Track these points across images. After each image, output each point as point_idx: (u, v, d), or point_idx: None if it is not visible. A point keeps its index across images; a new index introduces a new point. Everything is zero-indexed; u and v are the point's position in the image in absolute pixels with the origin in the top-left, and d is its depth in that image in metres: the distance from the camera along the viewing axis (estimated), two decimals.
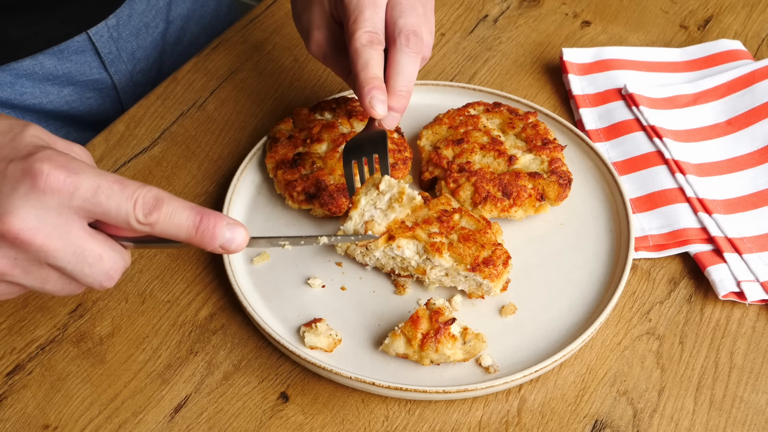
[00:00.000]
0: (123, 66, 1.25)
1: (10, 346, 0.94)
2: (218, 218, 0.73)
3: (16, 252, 0.70)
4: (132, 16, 1.23)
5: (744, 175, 1.08)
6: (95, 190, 0.69)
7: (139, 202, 0.70)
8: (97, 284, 0.73)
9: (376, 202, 0.92)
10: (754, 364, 0.92)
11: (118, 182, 0.70)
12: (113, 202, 0.69)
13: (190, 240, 0.73)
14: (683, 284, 0.99)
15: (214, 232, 0.73)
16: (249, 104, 1.19)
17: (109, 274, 0.73)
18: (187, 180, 1.10)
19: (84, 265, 0.72)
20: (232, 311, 0.97)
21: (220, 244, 0.73)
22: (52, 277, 0.73)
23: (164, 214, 0.71)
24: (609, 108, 1.16)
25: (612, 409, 0.89)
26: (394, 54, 0.91)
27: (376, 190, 0.92)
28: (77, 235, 0.70)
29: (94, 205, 0.69)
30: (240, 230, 0.74)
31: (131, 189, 0.70)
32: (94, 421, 0.88)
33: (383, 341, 0.89)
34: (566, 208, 1.04)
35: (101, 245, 0.72)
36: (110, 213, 0.70)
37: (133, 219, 0.70)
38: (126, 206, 0.70)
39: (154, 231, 0.72)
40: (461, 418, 0.88)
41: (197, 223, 0.72)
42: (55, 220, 0.69)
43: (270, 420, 0.88)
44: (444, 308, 0.89)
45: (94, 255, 0.72)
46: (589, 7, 1.34)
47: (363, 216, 0.91)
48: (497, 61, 1.25)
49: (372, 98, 0.88)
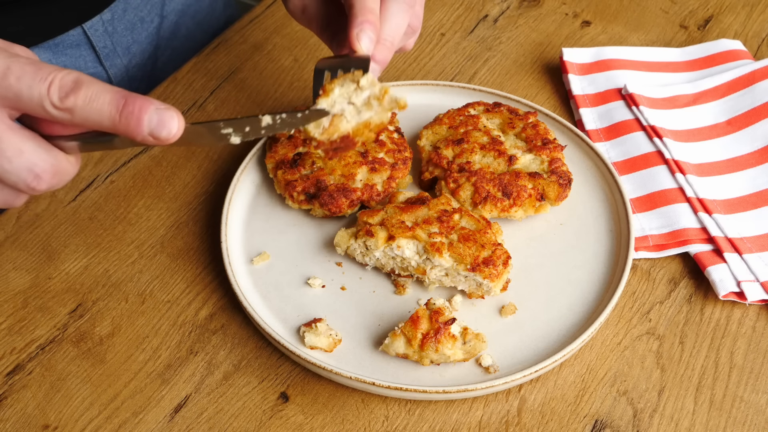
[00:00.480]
0: (118, 60, 1.26)
1: (10, 346, 0.94)
2: (146, 102, 0.65)
3: None
4: (127, 10, 1.23)
5: (744, 175, 1.08)
6: (4, 71, 0.63)
7: (54, 83, 0.64)
8: (23, 183, 0.67)
9: (352, 96, 0.81)
10: (754, 364, 0.92)
11: (31, 64, 0.64)
12: (24, 83, 0.64)
13: (115, 127, 0.65)
14: (683, 284, 0.99)
15: (140, 117, 0.65)
16: (249, 104, 1.19)
17: (34, 171, 0.67)
18: (187, 180, 1.10)
19: (2, 160, 0.65)
20: (232, 311, 0.97)
21: (148, 131, 0.66)
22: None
23: (83, 98, 0.64)
24: (609, 108, 1.16)
25: (612, 409, 0.89)
26: (385, 2, 0.86)
27: (355, 84, 0.81)
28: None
29: (4, 88, 0.64)
30: (171, 114, 0.66)
31: (46, 71, 0.64)
32: (94, 421, 0.88)
33: (383, 341, 0.89)
34: (566, 208, 1.04)
35: (22, 139, 0.66)
36: (22, 96, 0.64)
37: (48, 102, 0.64)
38: (39, 88, 0.64)
39: (74, 118, 0.65)
40: (461, 418, 0.88)
41: (120, 107, 0.65)
42: None
43: (270, 420, 0.88)
44: (444, 308, 0.89)
45: (12, 149, 0.65)
46: (589, 7, 1.34)
47: (333, 107, 0.80)
48: (497, 61, 1.25)
49: (361, 30, 0.81)
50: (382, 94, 0.80)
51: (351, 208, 1.00)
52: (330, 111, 0.78)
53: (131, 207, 1.06)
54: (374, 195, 1.00)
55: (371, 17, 0.83)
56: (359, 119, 0.80)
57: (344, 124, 0.79)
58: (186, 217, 1.06)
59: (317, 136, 0.78)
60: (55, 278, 0.99)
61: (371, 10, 0.83)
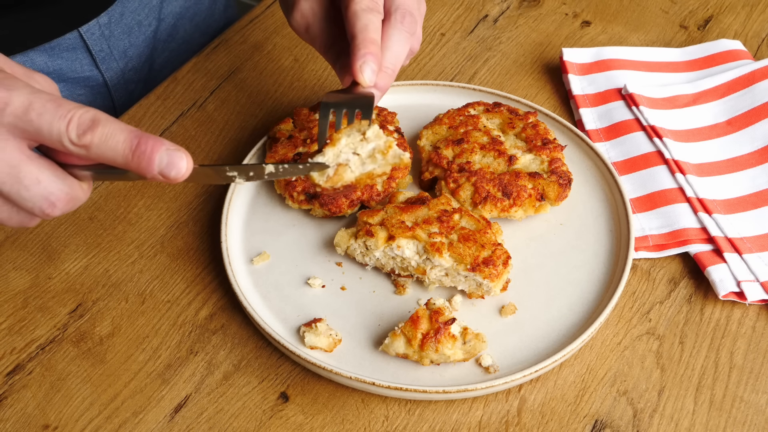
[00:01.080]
0: (114, 64, 1.25)
1: (10, 346, 0.94)
2: (157, 142, 0.69)
3: None
4: (124, 14, 1.23)
5: (744, 175, 1.08)
6: (26, 106, 0.67)
7: (73, 121, 0.67)
8: (39, 210, 0.70)
9: (357, 148, 0.84)
10: (754, 364, 0.92)
11: (52, 101, 0.67)
12: (45, 120, 0.67)
13: (127, 164, 0.69)
14: (683, 284, 0.99)
15: (151, 157, 0.69)
16: (249, 104, 1.19)
17: (50, 199, 0.70)
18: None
19: (20, 188, 0.69)
20: (232, 311, 0.97)
21: (158, 170, 0.70)
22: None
23: (99, 136, 0.68)
24: (609, 108, 1.16)
25: (612, 409, 0.89)
26: (387, 29, 0.88)
27: (362, 135, 0.85)
28: (12, 155, 0.68)
29: (25, 122, 0.67)
30: (180, 155, 0.70)
31: (66, 108, 0.67)
32: (94, 421, 0.88)
33: (383, 341, 0.89)
34: (566, 208, 1.04)
35: (40, 169, 0.69)
36: (42, 132, 0.67)
37: (66, 139, 0.67)
38: (59, 125, 0.67)
39: (90, 154, 0.68)
40: (461, 418, 0.88)
41: (134, 147, 0.68)
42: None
43: (270, 420, 0.88)
44: (444, 308, 0.89)
45: (30, 177, 0.69)
46: (589, 7, 1.34)
47: (338, 157, 0.83)
48: (497, 61, 1.25)
49: (364, 63, 0.85)
50: (386, 148, 0.84)
51: (351, 208, 1.00)
52: (330, 165, 0.82)
53: (131, 207, 1.06)
54: (374, 195, 1.00)
55: (373, 48, 0.85)
56: (363, 170, 0.84)
57: (348, 173, 0.83)
58: (186, 217, 1.06)
59: (322, 183, 0.82)
60: (55, 278, 0.99)
61: (373, 41, 0.85)
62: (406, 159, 0.85)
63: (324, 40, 0.93)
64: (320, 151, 0.84)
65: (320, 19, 0.93)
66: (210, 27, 1.41)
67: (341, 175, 0.82)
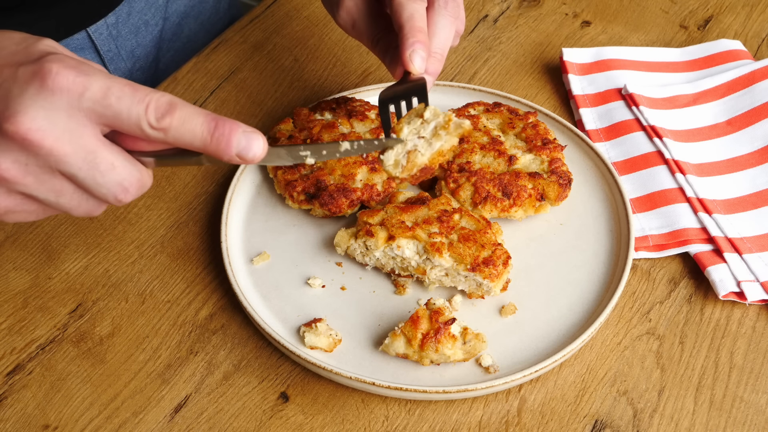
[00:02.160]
0: (122, 64, 1.26)
1: (10, 346, 0.94)
2: (234, 124, 0.70)
3: (27, 156, 0.67)
4: (131, 14, 1.23)
5: (744, 175, 1.08)
6: (105, 91, 0.67)
7: (151, 105, 0.68)
8: (112, 196, 0.71)
9: (420, 131, 0.86)
10: (754, 364, 0.92)
11: (129, 85, 0.68)
12: (124, 104, 0.67)
13: (206, 147, 0.69)
14: (683, 284, 0.99)
15: (229, 139, 0.69)
16: (249, 104, 1.19)
17: (123, 185, 0.70)
18: (187, 180, 1.10)
19: (96, 173, 0.69)
20: (232, 311, 0.97)
21: (236, 152, 0.70)
22: (67, 189, 0.70)
23: (177, 119, 0.68)
24: (609, 108, 1.16)
25: (612, 409, 0.89)
26: (432, 16, 0.90)
27: (420, 118, 0.87)
28: (89, 140, 0.68)
29: (104, 107, 0.67)
30: (257, 138, 0.71)
31: (143, 92, 0.68)
32: (94, 421, 0.88)
33: (383, 341, 0.89)
34: (566, 208, 1.04)
35: (114, 154, 0.69)
36: (121, 116, 0.67)
37: (145, 122, 0.67)
38: (137, 109, 0.67)
39: (167, 138, 0.69)
40: (461, 418, 0.88)
41: (212, 129, 0.69)
42: (65, 122, 0.66)
43: (270, 420, 0.88)
44: (444, 308, 0.89)
45: (106, 163, 0.69)
46: (589, 7, 1.34)
47: (405, 145, 0.86)
48: (497, 61, 1.25)
49: (413, 51, 0.87)
50: (447, 122, 0.86)
51: (351, 208, 1.00)
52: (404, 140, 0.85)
53: (131, 207, 1.06)
54: (374, 195, 1.00)
55: (421, 37, 0.87)
56: (431, 150, 0.85)
57: (419, 157, 0.85)
58: (186, 217, 1.06)
59: (399, 174, 0.84)
60: (55, 278, 0.99)
61: (420, 30, 0.87)
62: (467, 125, 0.86)
63: (371, 35, 0.95)
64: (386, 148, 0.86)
65: (366, 15, 0.95)
66: (214, 26, 1.41)
67: (414, 161, 0.84)
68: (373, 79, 1.22)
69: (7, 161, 0.66)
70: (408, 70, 0.88)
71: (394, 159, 0.85)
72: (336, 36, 1.29)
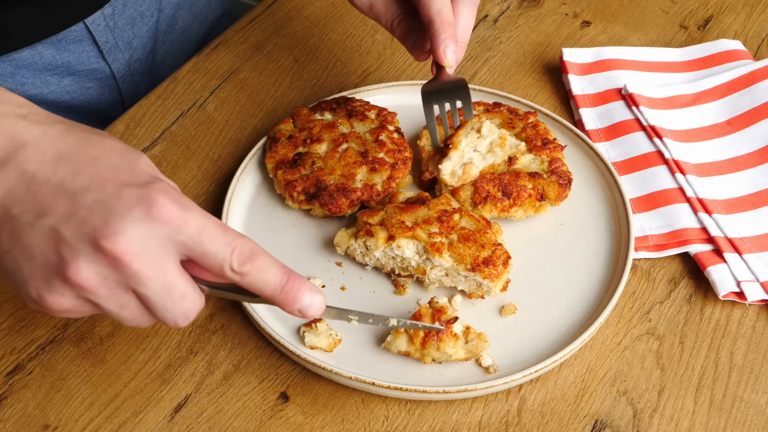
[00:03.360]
0: (120, 55, 1.26)
1: (10, 346, 0.94)
2: (303, 282, 0.74)
3: (110, 271, 0.69)
4: (127, 5, 1.24)
5: (744, 175, 1.08)
6: (201, 229, 0.70)
7: (237, 250, 0.71)
8: (173, 321, 0.73)
9: (477, 146, 0.90)
10: (754, 364, 0.92)
11: (221, 227, 0.71)
12: (214, 245, 0.70)
13: (274, 297, 0.74)
14: (683, 284, 0.99)
15: (297, 295, 0.74)
16: (249, 104, 1.19)
17: (188, 314, 0.73)
18: (187, 180, 1.10)
19: (168, 300, 0.72)
20: (232, 311, 0.97)
21: (299, 307, 0.74)
22: (132, 304, 0.72)
23: (257, 267, 0.72)
24: (609, 108, 1.16)
25: (612, 409, 0.89)
26: (456, 7, 0.96)
27: (477, 133, 0.91)
28: (171, 269, 0.71)
29: (196, 243, 0.70)
30: (319, 298, 0.75)
31: (231, 236, 0.71)
32: (94, 421, 0.88)
33: (383, 340, 0.89)
34: (566, 208, 1.04)
35: (188, 284, 0.72)
36: (209, 255, 0.71)
37: (227, 266, 0.71)
38: (224, 252, 0.70)
39: (242, 281, 0.72)
40: (461, 418, 0.88)
41: (284, 283, 0.73)
42: (157, 250, 0.69)
43: (270, 420, 0.88)
44: (446, 307, 0.89)
45: (179, 292, 0.72)
46: (589, 7, 1.34)
47: (462, 157, 0.89)
48: (497, 61, 1.25)
49: (446, 47, 0.93)
50: (502, 141, 0.92)
51: (351, 208, 1.00)
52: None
53: None
54: (374, 195, 1.00)
55: (452, 31, 0.93)
56: (485, 164, 0.91)
57: (474, 170, 0.90)
58: None
59: (454, 184, 0.90)
60: None
61: (450, 23, 0.93)
62: (522, 147, 0.91)
63: (389, 17, 0.99)
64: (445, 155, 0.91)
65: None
66: (207, 17, 1.41)
67: (468, 173, 0.89)
68: (373, 79, 1.22)
69: (90, 272, 0.69)
70: (441, 64, 0.95)
71: (452, 170, 0.89)
72: (336, 36, 1.29)
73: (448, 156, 0.88)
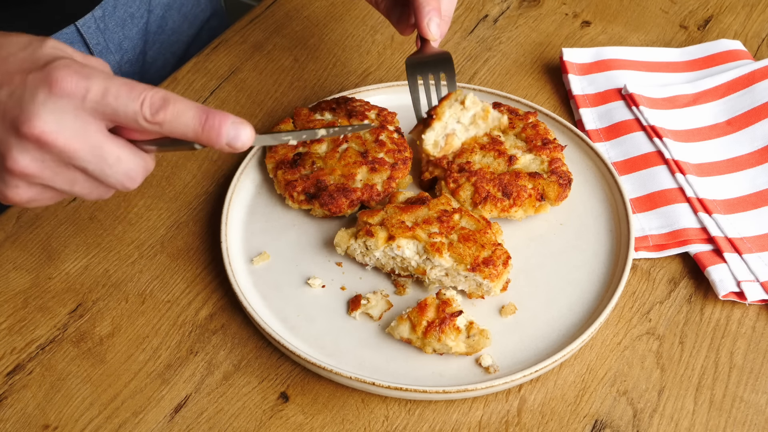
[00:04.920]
0: (111, 57, 1.26)
1: (10, 346, 0.94)
2: (224, 117, 0.76)
3: (42, 154, 0.74)
4: (117, 6, 1.24)
5: (744, 175, 1.08)
6: (104, 91, 0.73)
7: (146, 102, 0.74)
8: (120, 185, 0.78)
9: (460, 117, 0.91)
10: (754, 364, 0.92)
11: (125, 85, 0.74)
12: (121, 102, 0.74)
13: (198, 138, 0.76)
14: (683, 284, 0.99)
15: (219, 131, 0.76)
16: (249, 104, 1.19)
17: (130, 175, 0.77)
18: (187, 180, 1.10)
19: (104, 166, 0.76)
20: (232, 311, 0.97)
21: (226, 141, 0.76)
22: (80, 179, 0.77)
23: (171, 113, 0.74)
24: (609, 108, 1.16)
25: (612, 409, 0.89)
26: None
27: (461, 105, 0.92)
28: (95, 137, 0.75)
29: (104, 106, 0.74)
30: (245, 128, 0.77)
31: (138, 90, 0.74)
32: (94, 421, 0.88)
33: (386, 340, 0.89)
34: (566, 208, 1.04)
35: (120, 147, 0.76)
36: (119, 113, 0.74)
37: (141, 118, 0.74)
38: (133, 106, 0.74)
39: (162, 130, 0.75)
40: (461, 418, 0.88)
41: (203, 122, 0.75)
42: (72, 122, 0.73)
43: (270, 420, 0.88)
44: (453, 300, 0.89)
45: (113, 156, 0.76)
46: (589, 7, 1.34)
47: (446, 128, 0.91)
48: (497, 61, 1.25)
49: (430, 20, 0.96)
50: (485, 114, 0.93)
51: (351, 208, 1.00)
52: (374, 124, 0.91)
53: (131, 207, 1.06)
54: (374, 195, 1.00)
55: (436, 4, 0.96)
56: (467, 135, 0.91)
57: (456, 140, 0.91)
58: (186, 217, 1.06)
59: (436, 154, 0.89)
60: (55, 278, 0.99)
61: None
62: (505, 121, 0.91)
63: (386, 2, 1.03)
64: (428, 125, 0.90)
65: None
66: (197, 18, 1.41)
67: (451, 144, 0.89)
68: (373, 79, 1.22)
69: (26, 159, 0.74)
70: (426, 37, 0.97)
71: (434, 140, 0.89)
72: (336, 36, 1.29)
73: (431, 126, 0.90)
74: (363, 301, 0.94)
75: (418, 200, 0.98)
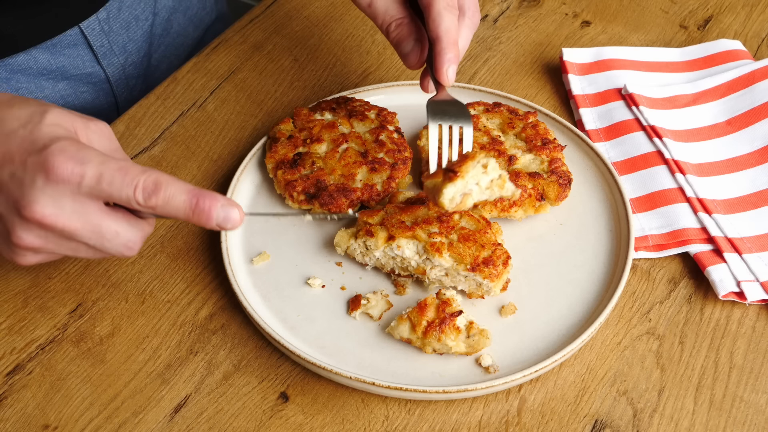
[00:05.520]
0: (115, 59, 1.26)
1: (10, 346, 0.94)
2: (213, 199, 0.80)
3: (45, 233, 0.79)
4: (121, 9, 1.24)
5: (744, 175, 1.08)
6: (98, 178, 0.77)
7: (139, 187, 0.78)
8: (119, 254, 0.82)
9: (479, 180, 0.92)
10: (754, 364, 0.92)
11: (120, 170, 0.78)
12: (115, 188, 0.77)
13: (189, 219, 0.80)
14: (683, 284, 0.99)
15: (210, 213, 0.80)
16: (249, 104, 1.19)
17: (128, 245, 0.82)
18: (187, 180, 1.10)
19: (103, 241, 0.81)
20: (232, 311, 0.97)
21: (216, 223, 0.80)
22: (81, 248, 0.82)
23: (162, 198, 0.78)
24: (609, 108, 1.16)
25: (612, 409, 0.89)
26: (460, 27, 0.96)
27: (483, 168, 0.93)
28: (93, 215, 0.79)
29: (99, 191, 0.78)
30: (234, 210, 0.81)
31: (132, 175, 0.78)
32: (94, 421, 0.88)
33: (387, 337, 0.89)
34: (566, 208, 1.04)
35: (117, 222, 0.80)
36: (113, 197, 0.78)
37: (134, 203, 0.78)
38: (127, 191, 0.78)
39: (156, 213, 0.80)
40: (461, 418, 0.88)
41: (194, 205, 0.79)
42: (71, 204, 0.78)
43: (270, 420, 0.88)
44: (453, 300, 0.89)
45: (110, 232, 0.80)
46: (589, 7, 1.34)
47: (465, 187, 0.92)
48: (497, 61, 1.25)
49: (450, 67, 0.94)
50: (501, 183, 0.92)
51: (351, 208, 1.00)
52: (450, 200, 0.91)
53: None
54: (374, 195, 1.00)
55: (457, 51, 0.94)
56: (480, 198, 0.92)
57: (469, 201, 0.91)
58: None
59: (450, 209, 0.90)
60: (55, 278, 0.99)
61: (455, 43, 0.93)
62: (518, 195, 0.93)
63: (386, 19, 0.99)
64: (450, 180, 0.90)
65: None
66: (203, 21, 1.41)
67: (465, 203, 0.90)
68: (373, 79, 1.22)
69: (30, 237, 0.80)
70: (441, 82, 0.94)
71: (452, 195, 0.90)
72: (336, 36, 1.29)
73: (453, 182, 0.90)
74: (363, 301, 0.94)
75: (418, 200, 0.98)
